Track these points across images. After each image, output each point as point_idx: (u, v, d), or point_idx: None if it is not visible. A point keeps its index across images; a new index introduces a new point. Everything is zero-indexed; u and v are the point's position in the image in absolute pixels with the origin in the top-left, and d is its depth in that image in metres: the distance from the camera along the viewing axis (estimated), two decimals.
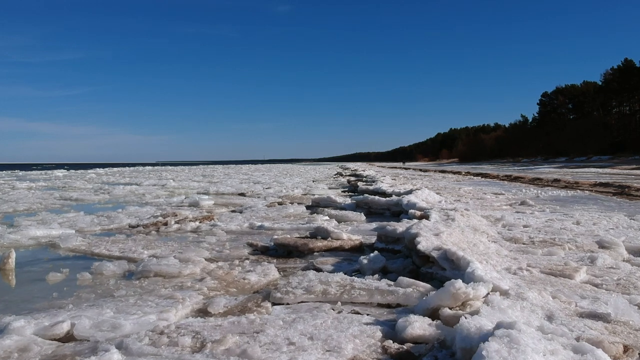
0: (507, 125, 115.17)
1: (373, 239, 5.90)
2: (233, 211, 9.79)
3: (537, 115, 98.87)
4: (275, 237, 5.26)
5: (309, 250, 4.91)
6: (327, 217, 7.78)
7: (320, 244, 4.95)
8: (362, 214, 8.19)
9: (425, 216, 6.18)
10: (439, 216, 5.96)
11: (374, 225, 7.22)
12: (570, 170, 34.26)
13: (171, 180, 22.63)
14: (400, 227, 4.72)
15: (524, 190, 13.72)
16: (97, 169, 62.70)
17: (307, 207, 9.79)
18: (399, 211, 8.46)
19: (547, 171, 33.47)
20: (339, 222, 7.64)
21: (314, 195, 13.46)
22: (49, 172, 43.67)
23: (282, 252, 5.13)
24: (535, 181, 18.05)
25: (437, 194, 10.91)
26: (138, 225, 7.33)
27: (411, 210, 6.66)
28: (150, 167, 74.81)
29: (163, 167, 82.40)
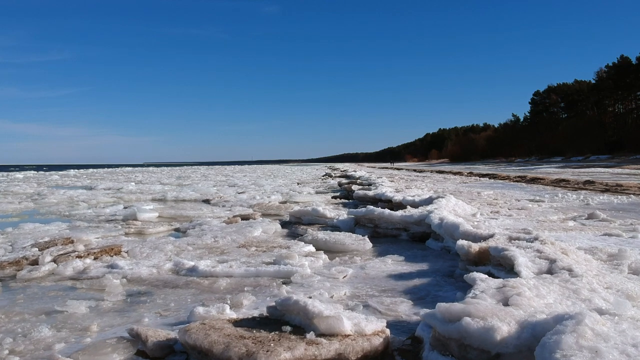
0: (496, 126, 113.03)
1: (400, 309, 2.95)
2: (176, 229, 6.77)
3: (528, 114, 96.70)
4: (191, 326, 2.27)
5: None
6: (310, 246, 4.80)
7: (288, 355, 1.97)
8: (366, 237, 5.22)
9: (496, 259, 3.23)
10: (529, 261, 3.02)
11: (389, 262, 4.25)
12: (577, 170, 31.63)
13: (133, 184, 19.46)
14: (501, 324, 1.73)
15: (560, 195, 10.89)
16: (72, 170, 59.12)
17: (284, 224, 6.79)
18: (422, 233, 5.51)
19: (552, 171, 30.80)
20: (330, 253, 4.68)
21: (296, 203, 10.47)
22: (12, 174, 39.92)
23: None
24: (561, 183, 15.22)
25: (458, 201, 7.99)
26: None
27: (461, 242, 3.69)
28: (130, 168, 71.22)
29: (146, 168, 78.87)
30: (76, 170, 58.28)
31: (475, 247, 3.60)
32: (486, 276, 2.62)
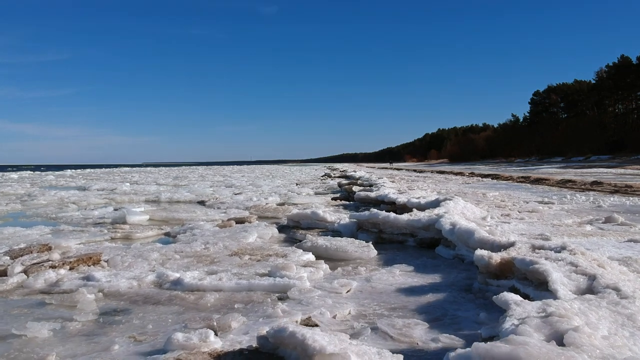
0: (496, 126, 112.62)
1: (415, 334, 2.53)
2: (166, 234, 6.35)
3: (528, 114, 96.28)
4: None
5: None
6: (309, 255, 4.38)
7: None
8: (370, 244, 4.81)
9: (523, 272, 2.81)
10: (565, 277, 2.60)
11: (397, 273, 3.83)
12: (579, 170, 31.24)
13: (127, 184, 19.03)
14: None
15: (568, 197, 10.48)
16: (69, 170, 58.70)
17: (281, 229, 6.37)
18: (430, 239, 5.09)
19: (554, 171, 30.41)
20: (331, 261, 4.26)
21: (294, 204, 10.06)
22: (7, 174, 39.40)
23: None
24: (567, 184, 14.81)
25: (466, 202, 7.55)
26: None
27: (480, 252, 3.27)
28: (128, 169, 70.70)
29: (143, 168, 78.43)
30: (73, 170, 57.84)
31: (497, 258, 3.18)
32: (521, 298, 2.20)
